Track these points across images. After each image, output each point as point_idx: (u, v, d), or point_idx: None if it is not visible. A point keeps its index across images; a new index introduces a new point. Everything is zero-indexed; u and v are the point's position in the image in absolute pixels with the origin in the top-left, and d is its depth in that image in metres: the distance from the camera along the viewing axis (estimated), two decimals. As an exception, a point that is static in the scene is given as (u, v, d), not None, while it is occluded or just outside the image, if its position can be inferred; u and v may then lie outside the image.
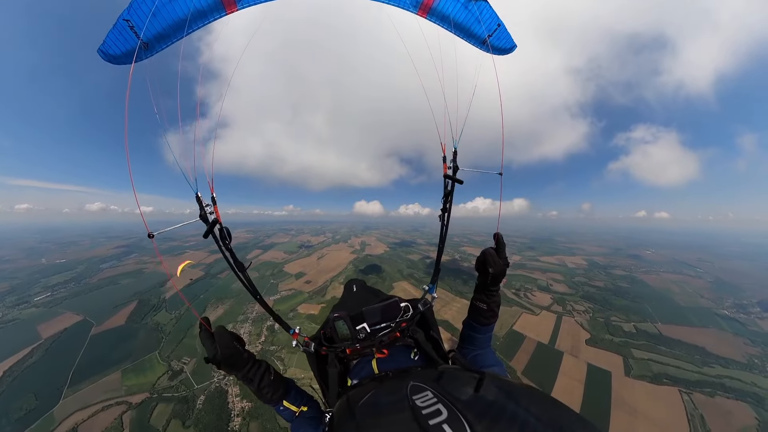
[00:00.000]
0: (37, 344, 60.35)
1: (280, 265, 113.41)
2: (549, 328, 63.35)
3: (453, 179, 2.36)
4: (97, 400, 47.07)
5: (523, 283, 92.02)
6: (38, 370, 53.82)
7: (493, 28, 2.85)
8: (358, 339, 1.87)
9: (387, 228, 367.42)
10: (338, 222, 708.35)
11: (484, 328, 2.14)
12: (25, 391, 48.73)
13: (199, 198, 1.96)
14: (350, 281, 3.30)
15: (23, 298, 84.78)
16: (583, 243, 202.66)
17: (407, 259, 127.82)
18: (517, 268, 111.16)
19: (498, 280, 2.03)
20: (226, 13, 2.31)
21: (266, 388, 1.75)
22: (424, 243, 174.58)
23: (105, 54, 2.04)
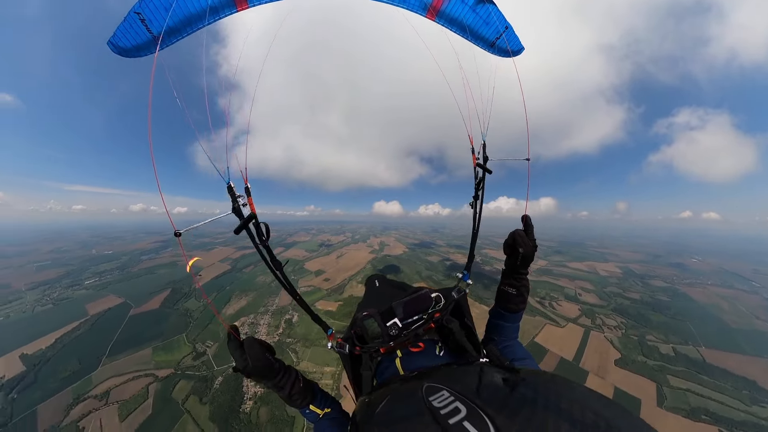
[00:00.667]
0: (84, 319, 67.64)
1: (301, 262, 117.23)
2: (575, 343, 58.21)
3: (484, 168, 2.37)
4: (129, 370, 51.41)
5: (549, 291, 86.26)
6: (84, 340, 60.05)
7: (501, 31, 2.86)
8: (390, 336, 1.78)
9: (406, 228, 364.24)
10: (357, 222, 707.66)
11: (512, 316, 2.07)
12: (71, 356, 54.72)
13: (231, 188, 1.75)
14: (371, 277, 3.21)
15: (76, 281, 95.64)
16: (617, 248, 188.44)
17: (426, 260, 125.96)
18: (542, 275, 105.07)
19: (527, 262, 1.97)
20: (237, 9, 2.29)
21: (296, 395, 1.73)
22: (444, 244, 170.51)
23: (115, 46, 2.01)
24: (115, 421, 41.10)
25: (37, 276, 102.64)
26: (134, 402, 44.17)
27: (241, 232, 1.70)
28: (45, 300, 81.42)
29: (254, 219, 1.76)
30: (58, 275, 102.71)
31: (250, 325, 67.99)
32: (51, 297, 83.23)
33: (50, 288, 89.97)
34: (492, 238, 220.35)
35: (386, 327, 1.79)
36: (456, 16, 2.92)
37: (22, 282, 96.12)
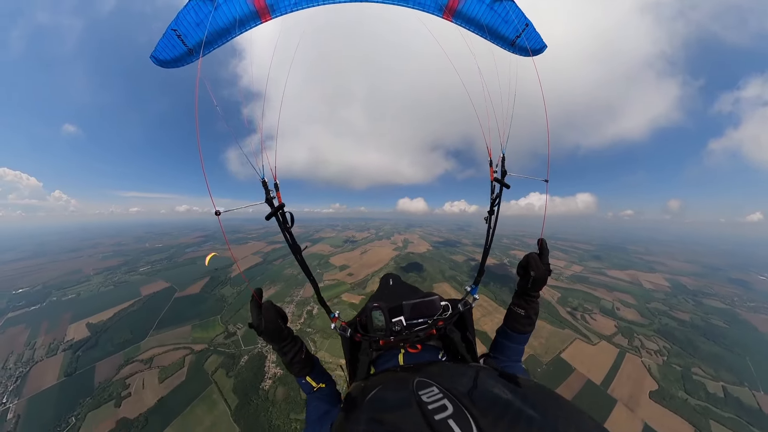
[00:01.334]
0: (138, 299, 76.48)
1: (327, 257, 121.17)
2: (605, 365, 50.84)
3: (501, 183, 2.35)
4: (170, 342, 57.13)
5: (583, 302, 76.78)
6: (136, 315, 67.85)
7: (521, 29, 2.76)
8: (392, 331, 1.87)
9: (430, 226, 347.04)
10: (382, 219, 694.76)
11: (519, 337, 2.08)
12: (125, 327, 62.10)
13: (264, 183, 2.05)
14: (386, 275, 3.33)
15: (132, 268, 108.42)
16: (666, 256, 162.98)
17: (450, 259, 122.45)
18: (577, 282, 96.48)
19: (539, 285, 2.00)
20: (261, 21, 2.43)
21: (296, 364, 1.86)
22: (470, 243, 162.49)
23: (156, 59, 2.25)
24: (155, 383, 45.82)
25: (102, 264, 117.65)
26: (172, 368, 48.95)
27: (270, 218, 1.99)
28: (107, 282, 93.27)
29: (283, 208, 2.03)
30: (118, 263, 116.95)
31: (276, 313, 71.95)
32: (112, 280, 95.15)
33: (112, 273, 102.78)
34: (522, 238, 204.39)
35: (391, 322, 1.88)
36: (473, 15, 2.83)
37: (90, 268, 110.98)
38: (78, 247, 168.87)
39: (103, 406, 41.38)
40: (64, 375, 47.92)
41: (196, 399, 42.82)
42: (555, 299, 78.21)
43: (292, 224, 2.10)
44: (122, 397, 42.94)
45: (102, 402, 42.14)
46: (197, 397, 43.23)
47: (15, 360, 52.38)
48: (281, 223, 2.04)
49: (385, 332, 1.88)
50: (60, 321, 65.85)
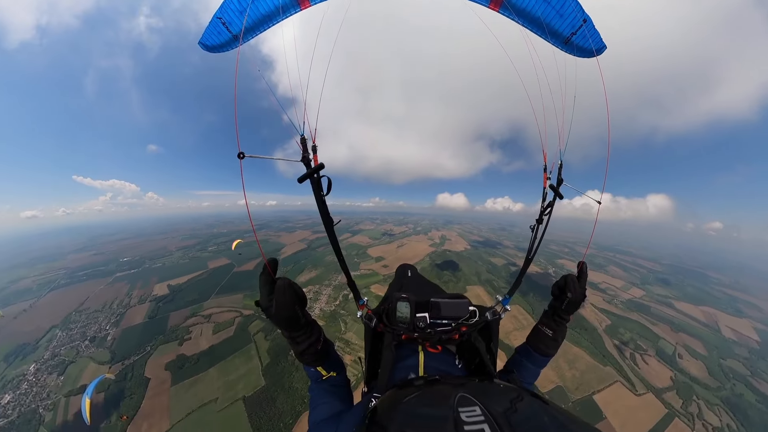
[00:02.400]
0: (205, 270, 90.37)
1: (365, 248, 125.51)
2: (645, 425, 41.46)
3: (556, 191, 2.15)
4: (225, 306, 66.55)
5: (636, 337, 62.13)
6: (203, 282, 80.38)
7: (578, 25, 2.48)
8: (416, 327, 1.76)
9: (470, 223, 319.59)
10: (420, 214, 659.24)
11: (540, 359, 1.95)
12: (194, 290, 74.34)
13: (303, 140, 1.81)
14: (404, 265, 3.17)
15: (203, 248, 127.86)
16: (763, 296, 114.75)
17: (489, 261, 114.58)
18: (633, 310, 75.62)
19: (572, 309, 1.87)
20: (300, 8, 2.52)
21: (309, 356, 1.61)
22: (512, 246, 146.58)
23: (204, 45, 2.44)
24: (209, 334, 54.29)
25: (181, 243, 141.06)
26: (223, 325, 57.24)
27: (304, 181, 1.70)
28: (184, 257, 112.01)
29: (320, 170, 1.72)
30: (192, 243, 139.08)
31: (314, 293, 77.47)
32: (188, 255, 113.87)
33: (187, 250, 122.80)
34: (573, 246, 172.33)
35: (416, 317, 1.79)
36: (523, 6, 2.60)
37: (173, 246, 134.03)
38: (165, 231, 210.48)
39: (170, 344, 51.00)
40: (147, 318, 60.28)
41: (237, 352, 49.58)
42: (603, 326, 65.07)
43: (329, 191, 1.81)
44: (184, 340, 52.13)
45: (169, 340, 51.99)
46: (239, 350, 50.00)
47: (117, 304, 67.39)
48: (315, 189, 1.78)
49: (408, 326, 1.79)
50: (149, 281, 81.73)
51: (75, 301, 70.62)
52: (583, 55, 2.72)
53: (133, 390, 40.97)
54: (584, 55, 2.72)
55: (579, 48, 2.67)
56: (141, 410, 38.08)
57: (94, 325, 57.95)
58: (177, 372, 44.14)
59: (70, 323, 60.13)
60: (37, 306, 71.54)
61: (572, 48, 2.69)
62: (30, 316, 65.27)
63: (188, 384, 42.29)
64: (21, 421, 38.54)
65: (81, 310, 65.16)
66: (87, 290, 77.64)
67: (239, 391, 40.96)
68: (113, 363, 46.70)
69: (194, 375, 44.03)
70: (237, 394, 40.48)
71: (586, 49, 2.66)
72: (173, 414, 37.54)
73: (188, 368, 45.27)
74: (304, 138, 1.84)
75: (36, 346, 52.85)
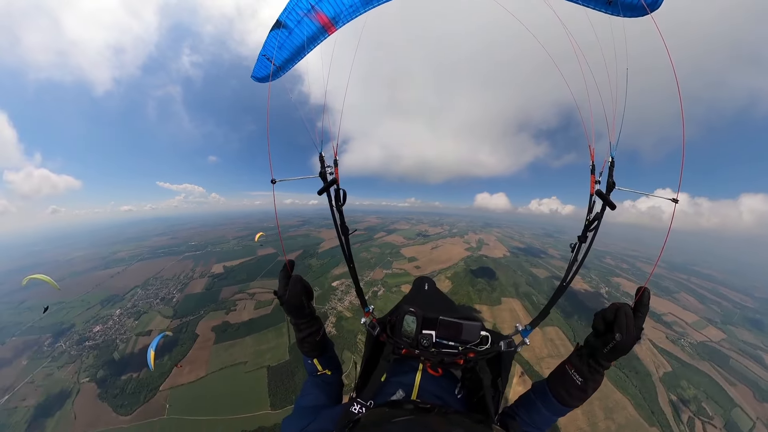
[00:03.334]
0: (254, 257, 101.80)
1: (398, 247, 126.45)
2: None
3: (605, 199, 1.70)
4: (268, 287, 73.91)
5: (701, 395, 46.99)
6: (251, 266, 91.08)
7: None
8: (420, 344, 1.68)
9: (511, 227, 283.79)
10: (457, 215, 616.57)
11: (559, 407, 1.53)
12: (244, 272, 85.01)
13: (321, 157, 2.04)
14: (422, 278, 3.12)
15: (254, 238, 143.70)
16: None
17: (529, 272, 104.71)
18: (705, 357, 57.00)
19: (618, 354, 1.38)
20: (328, 34, 2.76)
21: (308, 344, 1.79)
22: (558, 257, 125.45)
23: (255, 78, 2.86)
24: (251, 308, 61.49)
25: (236, 233, 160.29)
26: (264, 303, 63.81)
27: (322, 194, 1.96)
28: (238, 245, 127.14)
29: (336, 183, 1.96)
30: (245, 234, 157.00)
31: (346, 286, 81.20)
32: (241, 244, 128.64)
33: (241, 240, 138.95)
34: (635, 260, 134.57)
35: (421, 334, 1.71)
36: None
37: (230, 235, 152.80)
38: (224, 223, 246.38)
39: (219, 311, 59.38)
40: (205, 289, 70.94)
41: (271, 327, 55.08)
42: (660, 373, 50.81)
43: (344, 202, 2.00)
44: (230, 310, 60.12)
45: (219, 309, 60.48)
46: (272, 326, 55.46)
47: (183, 276, 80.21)
48: (332, 200, 1.99)
49: (411, 341, 1.73)
50: (209, 261, 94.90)
51: (153, 270, 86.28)
52: (634, 14, 2.27)
53: (184, 341, 49.27)
54: (635, 14, 2.27)
55: (627, 6, 2.26)
56: (187, 357, 45.94)
57: (164, 289, 70.84)
58: (220, 334, 51.48)
59: (148, 285, 74.29)
60: (127, 271, 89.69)
61: (617, 8, 2.28)
62: (121, 277, 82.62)
63: (227, 345, 49.08)
64: (103, 345, 50.74)
65: (157, 277, 79.61)
66: (163, 264, 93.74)
67: (266, 360, 45.97)
68: (174, 318, 56.48)
69: (233, 339, 50.76)
70: (263, 362, 45.53)
71: (635, 5, 2.20)
72: (210, 365, 44.42)
73: (229, 333, 52.33)
74: (322, 156, 2.08)
75: (122, 297, 67.54)
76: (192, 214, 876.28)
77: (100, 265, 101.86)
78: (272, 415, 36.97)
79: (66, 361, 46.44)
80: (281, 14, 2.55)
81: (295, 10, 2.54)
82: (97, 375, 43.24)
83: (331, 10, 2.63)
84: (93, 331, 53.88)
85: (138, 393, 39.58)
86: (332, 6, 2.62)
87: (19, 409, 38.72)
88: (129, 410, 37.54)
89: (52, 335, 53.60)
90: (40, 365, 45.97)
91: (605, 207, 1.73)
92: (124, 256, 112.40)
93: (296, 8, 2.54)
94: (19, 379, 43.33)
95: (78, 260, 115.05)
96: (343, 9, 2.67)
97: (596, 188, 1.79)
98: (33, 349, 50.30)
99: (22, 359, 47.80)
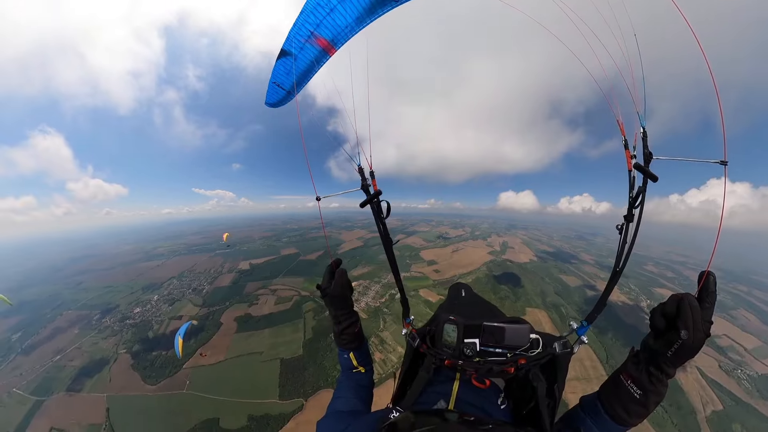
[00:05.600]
0: (277, 256, 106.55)
1: (418, 250, 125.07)
2: None
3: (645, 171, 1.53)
4: (289, 285, 77.28)
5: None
6: (275, 265, 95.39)
7: None
8: (462, 353, 1.54)
9: (539, 229, 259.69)
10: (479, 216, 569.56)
11: (614, 427, 1.31)
12: (268, 269, 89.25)
13: (361, 169, 2.03)
14: (457, 284, 3.00)
15: (278, 239, 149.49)
16: None
17: (558, 279, 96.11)
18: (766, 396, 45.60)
19: (686, 356, 1.15)
20: (330, 56, 2.90)
21: (346, 335, 1.85)
22: (591, 262, 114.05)
23: (269, 104, 3.12)
24: (272, 303, 64.35)
25: (262, 234, 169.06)
26: (284, 300, 66.59)
27: (365, 206, 1.91)
28: (264, 244, 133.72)
29: (379, 195, 1.93)
30: (270, 235, 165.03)
31: (364, 288, 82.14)
32: (266, 243, 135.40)
33: (266, 240, 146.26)
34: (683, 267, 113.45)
35: (463, 343, 1.57)
36: None
37: (256, 236, 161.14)
38: (251, 225, 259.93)
39: (242, 304, 62.98)
40: (231, 283, 75.64)
41: (289, 323, 57.21)
42: (707, 411, 41.49)
43: (388, 215, 1.96)
44: (253, 304, 63.38)
45: (242, 302, 64.14)
46: (289, 321, 57.64)
47: (214, 270, 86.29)
48: (375, 212, 1.96)
49: (454, 352, 1.59)
50: (237, 259, 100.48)
51: (188, 264, 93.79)
52: None
53: (209, 328, 53.11)
54: None
55: None
56: (210, 342, 49.75)
57: (196, 281, 76.90)
58: (242, 324, 54.57)
59: (183, 277, 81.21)
60: (166, 264, 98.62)
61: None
62: (161, 269, 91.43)
63: (246, 335, 51.91)
64: (140, 324, 57.21)
65: (191, 270, 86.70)
66: (196, 259, 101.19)
67: (280, 353, 47.84)
68: (203, 307, 61.20)
69: (253, 330, 53.46)
70: (278, 354, 47.42)
71: None
72: (230, 352, 47.58)
73: (250, 323, 55.24)
74: (361, 168, 2.06)
75: (160, 286, 74.85)
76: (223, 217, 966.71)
77: (143, 257, 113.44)
78: (278, 404, 38.76)
79: (109, 334, 53.77)
80: (284, 43, 2.72)
81: (296, 38, 2.71)
82: (132, 348, 49.13)
83: (329, 34, 2.78)
84: (133, 312, 61.14)
85: (164, 368, 44.11)
86: (330, 30, 2.76)
87: (67, 368, 45.70)
88: (155, 381, 42.00)
89: (100, 312, 62.50)
90: (88, 335, 53.97)
91: (647, 180, 1.55)
92: (163, 252, 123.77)
93: (297, 36, 2.71)
94: (70, 344, 51.23)
95: (126, 253, 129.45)
96: (340, 31, 2.81)
97: (633, 162, 1.61)
98: (84, 322, 59.18)
99: (74, 329, 56.58)
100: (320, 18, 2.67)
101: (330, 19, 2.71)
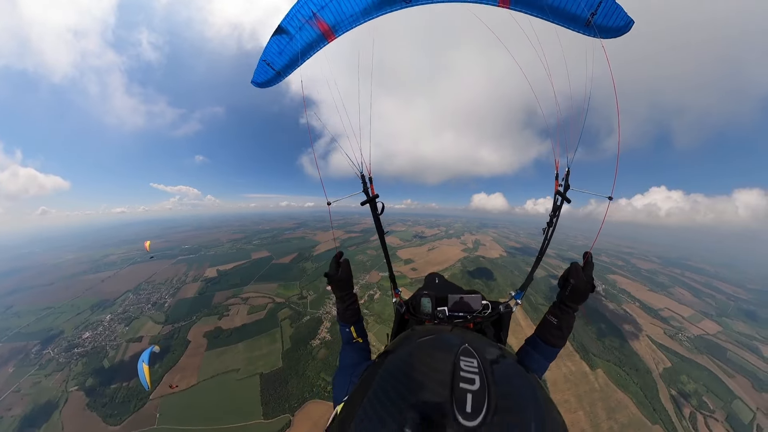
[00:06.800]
0: (248, 260, 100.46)
1: (394, 249, 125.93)
2: None
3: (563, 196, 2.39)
4: (261, 292, 73.33)
5: (702, 389, 47.77)
6: (245, 270, 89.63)
7: (596, 3, 2.37)
8: (435, 317, 2.18)
9: (507, 227, 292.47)
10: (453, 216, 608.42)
11: (547, 348, 2.03)
12: (238, 276, 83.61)
13: (363, 176, 2.48)
14: (432, 274, 3.56)
15: (248, 241, 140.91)
16: None
17: (526, 271, 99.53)
18: (703, 351, 58.35)
19: (577, 297, 1.93)
20: (328, 42, 2.84)
21: (349, 312, 2.27)
22: (554, 255, 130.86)
23: (255, 83, 2.93)
24: (244, 314, 60.61)
25: (231, 236, 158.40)
26: (257, 308, 63.06)
27: (365, 205, 2.45)
28: (232, 248, 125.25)
29: (376, 198, 2.47)
30: (240, 237, 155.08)
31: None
32: (235, 247, 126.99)
33: (235, 243, 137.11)
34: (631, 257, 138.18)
35: (436, 310, 2.24)
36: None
37: (224, 238, 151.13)
38: (219, 226, 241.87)
39: (211, 317, 58.15)
40: (197, 294, 69.49)
41: (264, 333, 54.35)
42: (660, 369, 51.23)
43: (382, 212, 2.54)
44: (223, 315, 58.85)
45: (211, 314, 59.21)
46: (266, 332, 54.77)
47: (176, 280, 78.77)
48: (374, 210, 2.49)
49: (429, 317, 2.23)
50: (202, 265, 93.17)
51: (146, 274, 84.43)
52: (609, 35, 2.54)
53: (175, 348, 48.04)
54: (609, 35, 2.54)
55: (601, 28, 2.50)
56: (178, 365, 44.59)
57: (156, 294, 69.33)
58: (212, 340, 50.32)
59: (140, 290, 72.71)
60: (119, 275, 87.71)
61: (594, 29, 2.50)
62: (113, 281, 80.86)
63: (219, 352, 47.97)
64: (92, 352, 49.44)
65: (149, 281, 78.05)
66: (155, 267, 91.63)
67: (258, 367, 45.10)
68: (165, 324, 55.02)
69: (225, 345, 49.69)
70: (256, 369, 44.65)
71: (610, 28, 2.49)
72: (202, 373, 43.29)
73: (222, 339, 51.21)
74: (363, 175, 2.51)
75: (113, 302, 65.95)
76: (186, 217, 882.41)
77: (90, 268, 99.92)
78: (264, 425, 36.18)
79: (54, 369, 45.12)
80: (283, 20, 2.59)
81: (297, 16, 2.60)
82: (85, 383, 42.08)
83: (332, 19, 2.70)
84: (82, 337, 52.43)
85: (128, 402, 38.67)
86: (333, 14, 2.68)
87: (4, 420, 37.71)
88: (118, 420, 36.64)
89: (40, 342, 52.21)
90: (27, 373, 44.76)
91: (563, 202, 2.44)
92: (115, 260, 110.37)
93: (298, 14, 2.59)
94: (4, 388, 42.15)
95: (68, 263, 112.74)
96: (344, 18, 2.74)
97: (559, 189, 2.43)
98: (20, 356, 48.95)
99: (8, 367, 46.42)
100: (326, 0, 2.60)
101: (336, 3, 2.64)
